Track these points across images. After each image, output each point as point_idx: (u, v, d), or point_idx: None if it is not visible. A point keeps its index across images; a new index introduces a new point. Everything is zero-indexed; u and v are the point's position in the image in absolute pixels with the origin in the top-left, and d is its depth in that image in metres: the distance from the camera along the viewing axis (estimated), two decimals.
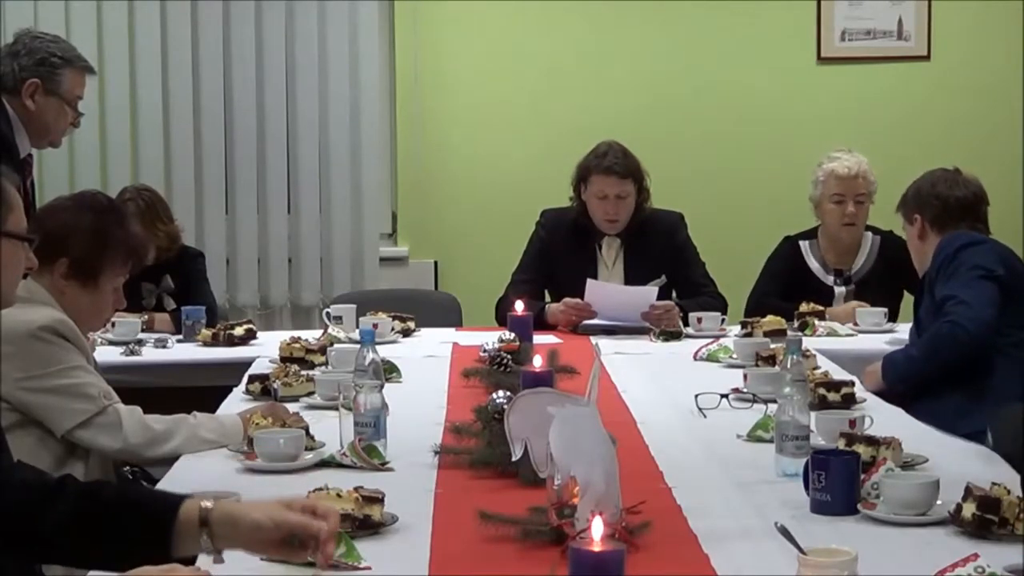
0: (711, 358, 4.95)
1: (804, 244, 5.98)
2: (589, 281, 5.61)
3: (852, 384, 4.14)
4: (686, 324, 5.55)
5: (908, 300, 5.83)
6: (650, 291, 5.55)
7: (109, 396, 3.56)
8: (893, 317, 5.75)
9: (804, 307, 5.58)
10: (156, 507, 2.43)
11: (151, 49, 7.20)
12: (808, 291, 5.77)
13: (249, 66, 7.26)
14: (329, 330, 5.34)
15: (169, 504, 2.43)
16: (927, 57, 7.49)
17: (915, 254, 4.96)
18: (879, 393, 4.37)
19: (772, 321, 5.31)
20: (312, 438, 3.51)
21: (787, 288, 5.86)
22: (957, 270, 4.58)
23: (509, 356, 4.48)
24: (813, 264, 5.96)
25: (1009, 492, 2.75)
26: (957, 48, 7.49)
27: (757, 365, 4.57)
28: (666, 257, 5.84)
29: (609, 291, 5.62)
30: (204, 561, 2.37)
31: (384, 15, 7.42)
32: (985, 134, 7.30)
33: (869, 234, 5.96)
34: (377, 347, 3.74)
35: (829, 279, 5.92)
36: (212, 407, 3.94)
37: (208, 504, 2.39)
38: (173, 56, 7.23)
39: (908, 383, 4.57)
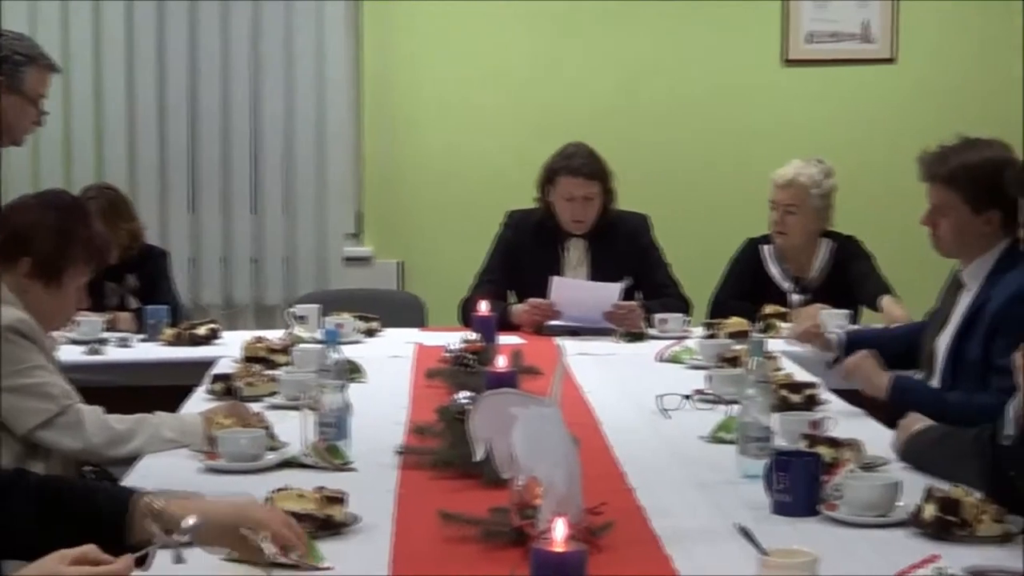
0: (675, 359, 4.96)
1: (765, 248, 5.96)
2: (555, 278, 5.61)
3: (815, 386, 4.14)
4: (650, 325, 5.56)
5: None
6: (614, 287, 5.56)
7: (70, 396, 3.53)
8: (856, 320, 5.76)
9: (768, 309, 5.59)
10: (111, 493, 2.53)
11: (116, 47, 7.18)
12: (766, 296, 5.77)
13: (215, 64, 7.24)
14: (293, 330, 5.33)
15: (123, 492, 2.52)
16: (893, 60, 7.51)
17: (956, 235, 4.21)
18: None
19: (735, 323, 5.32)
20: (275, 438, 3.50)
21: (747, 291, 5.85)
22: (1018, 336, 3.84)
23: (473, 356, 4.48)
24: (772, 269, 5.94)
25: (969, 494, 2.76)
26: (923, 51, 7.52)
27: (720, 367, 4.58)
28: (631, 258, 5.84)
29: (574, 287, 5.62)
30: (164, 564, 2.34)
31: (351, 13, 7.41)
32: (951, 138, 7.29)
33: (826, 241, 5.91)
34: (341, 347, 3.74)
35: (786, 285, 5.91)
36: (175, 407, 3.93)
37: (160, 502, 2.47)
38: (138, 54, 7.21)
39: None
